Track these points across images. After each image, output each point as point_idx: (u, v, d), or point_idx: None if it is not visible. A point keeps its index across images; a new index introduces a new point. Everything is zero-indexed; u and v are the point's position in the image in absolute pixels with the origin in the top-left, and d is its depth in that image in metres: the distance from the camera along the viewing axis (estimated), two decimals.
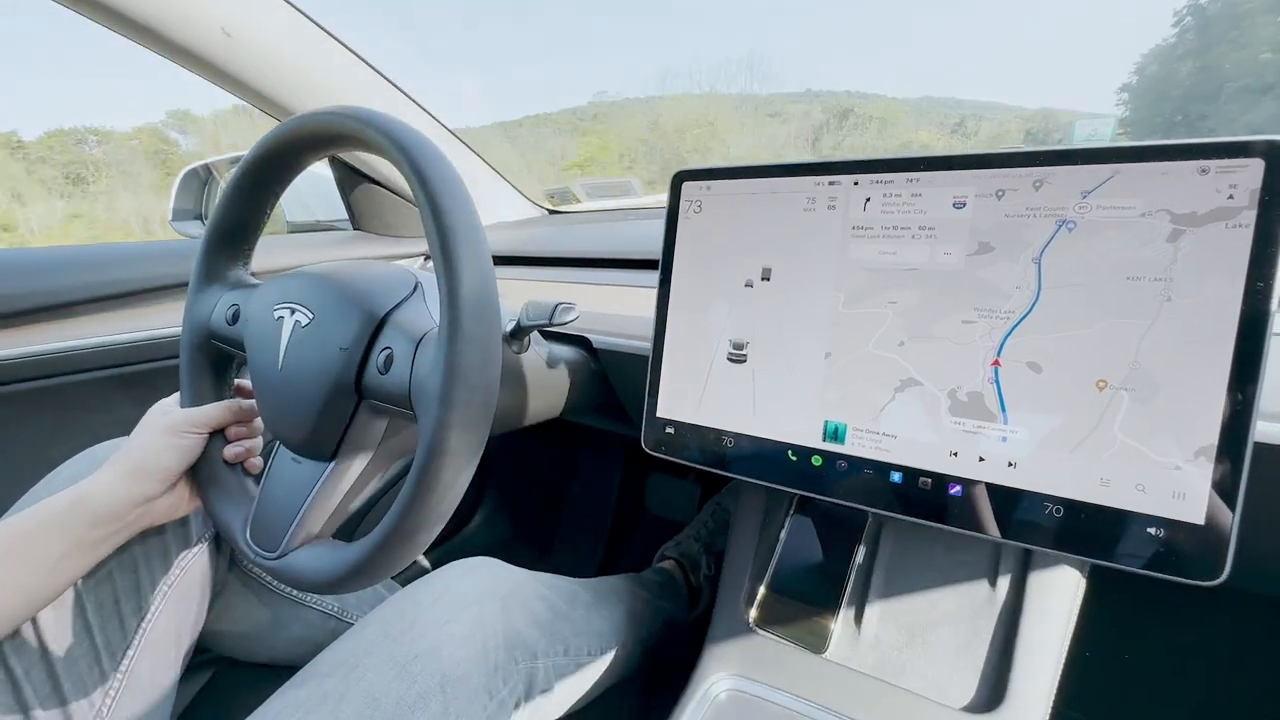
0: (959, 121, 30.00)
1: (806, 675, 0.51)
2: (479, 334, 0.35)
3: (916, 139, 28.03)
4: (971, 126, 28.97)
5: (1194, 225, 0.36)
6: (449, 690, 0.44)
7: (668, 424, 0.54)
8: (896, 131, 24.92)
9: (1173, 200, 0.36)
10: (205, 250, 0.49)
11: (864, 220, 0.45)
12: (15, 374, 0.62)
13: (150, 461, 0.43)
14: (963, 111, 30.27)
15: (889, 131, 26.67)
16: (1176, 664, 0.72)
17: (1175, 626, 0.73)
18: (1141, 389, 0.37)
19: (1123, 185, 0.37)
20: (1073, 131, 6.82)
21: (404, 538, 0.36)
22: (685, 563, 0.83)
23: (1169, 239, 0.36)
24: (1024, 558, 0.50)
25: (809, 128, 20.85)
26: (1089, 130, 6.76)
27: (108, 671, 0.44)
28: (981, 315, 0.41)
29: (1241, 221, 0.34)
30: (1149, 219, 0.37)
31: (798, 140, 20.16)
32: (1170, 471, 0.36)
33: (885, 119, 26.16)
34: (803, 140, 19.53)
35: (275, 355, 0.43)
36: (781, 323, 0.48)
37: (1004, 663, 0.48)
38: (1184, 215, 0.36)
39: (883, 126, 25.48)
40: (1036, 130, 28.74)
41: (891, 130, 25.43)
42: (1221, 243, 0.35)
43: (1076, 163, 0.39)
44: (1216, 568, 0.35)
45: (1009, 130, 28.90)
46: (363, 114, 0.38)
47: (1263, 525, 0.39)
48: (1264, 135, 0.34)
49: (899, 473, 0.44)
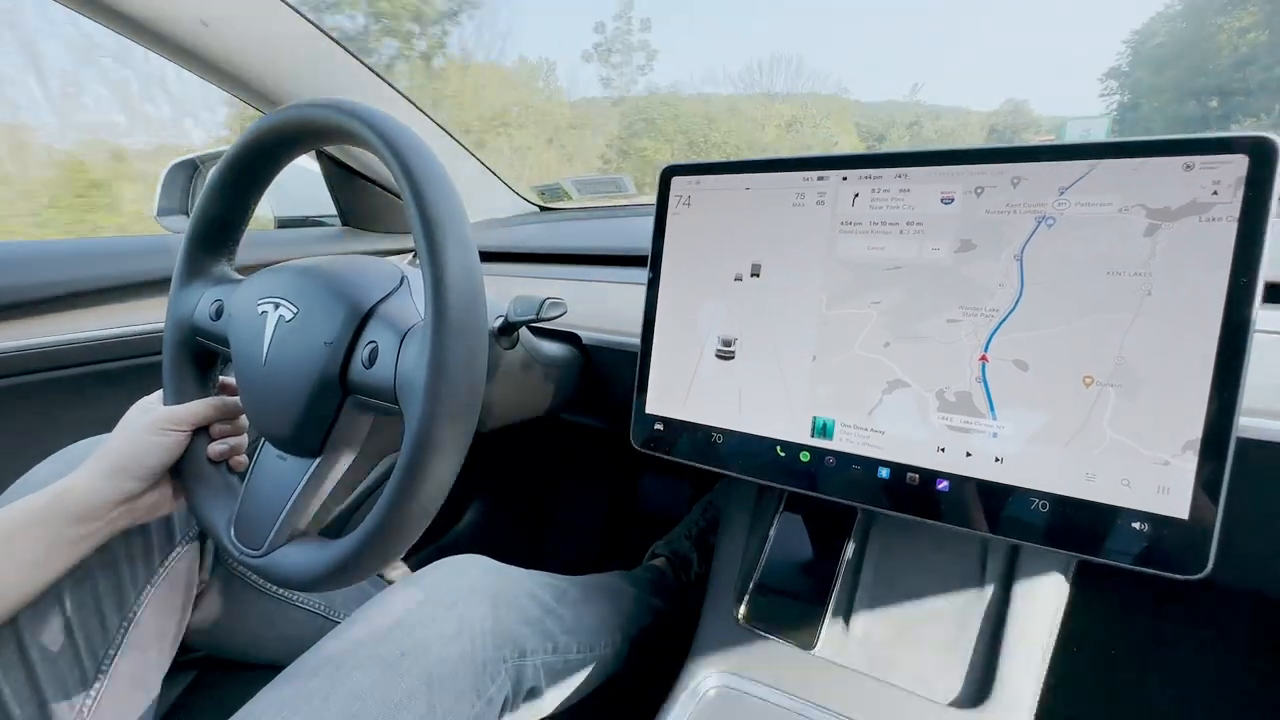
0: (914, 120, 29.96)
1: (795, 671, 0.51)
2: (464, 326, 0.34)
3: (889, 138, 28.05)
4: (929, 126, 28.87)
5: (1169, 220, 0.36)
6: (435, 688, 0.43)
7: (656, 420, 0.54)
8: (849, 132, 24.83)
9: (1148, 195, 0.36)
10: (189, 245, 0.48)
11: (853, 215, 0.45)
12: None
13: (132, 460, 0.43)
14: (919, 111, 30.29)
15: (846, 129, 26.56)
16: (1162, 659, 0.73)
17: (1161, 621, 0.74)
18: (1127, 384, 0.37)
19: (1099, 181, 0.38)
20: (1064, 133, 6.78)
21: (390, 533, 0.36)
22: (676, 560, 0.83)
23: (1146, 233, 0.36)
24: (1011, 554, 0.50)
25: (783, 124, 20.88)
26: (1081, 130, 6.68)
27: (89, 671, 0.43)
28: (966, 313, 0.41)
29: (1216, 215, 0.35)
30: (1126, 214, 0.37)
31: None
32: (1157, 466, 0.36)
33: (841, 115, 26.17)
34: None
35: (259, 350, 0.42)
36: (769, 321, 0.48)
37: (991, 658, 0.48)
38: (1159, 210, 0.36)
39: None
40: (1002, 126, 28.71)
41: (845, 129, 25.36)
42: (1198, 237, 0.35)
43: (1053, 159, 0.39)
44: (1200, 562, 0.35)
45: (968, 124, 28.82)
46: (348, 107, 0.38)
47: (1246, 520, 0.39)
48: (1248, 132, 0.34)
49: (886, 468, 0.44)
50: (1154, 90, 18.95)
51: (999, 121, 28.49)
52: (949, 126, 27.92)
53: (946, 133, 27.46)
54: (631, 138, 18.12)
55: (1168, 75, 17.31)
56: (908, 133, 28.31)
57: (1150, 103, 18.24)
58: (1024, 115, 29.13)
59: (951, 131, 27.01)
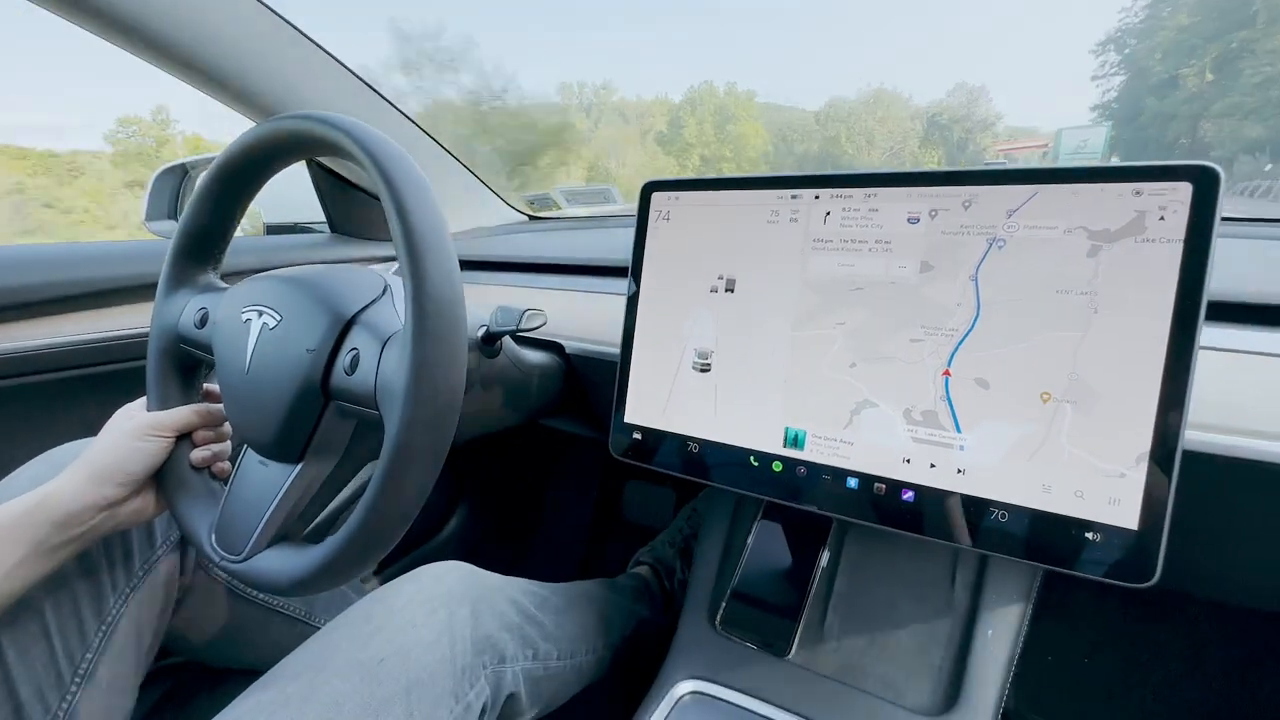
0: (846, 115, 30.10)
1: (769, 678, 0.52)
2: (444, 332, 0.35)
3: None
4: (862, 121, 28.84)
5: (1108, 241, 0.38)
6: (414, 694, 0.44)
7: (635, 430, 0.55)
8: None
9: (1088, 218, 0.39)
10: (175, 253, 0.49)
11: (824, 233, 0.47)
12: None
13: (114, 465, 0.43)
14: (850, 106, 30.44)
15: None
16: (1128, 665, 0.75)
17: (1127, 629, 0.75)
18: (1082, 399, 0.38)
19: (1043, 205, 0.40)
20: (1059, 142, 6.68)
21: (369, 537, 0.36)
22: (660, 567, 0.83)
23: (1089, 254, 0.38)
24: (980, 563, 0.52)
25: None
26: (1078, 141, 6.52)
27: (65, 675, 0.43)
28: (928, 333, 0.43)
29: (1154, 236, 0.37)
30: (1070, 235, 0.39)
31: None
32: (1110, 479, 0.38)
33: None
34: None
35: (243, 357, 0.43)
36: (743, 337, 0.50)
37: (959, 666, 0.49)
38: (1099, 232, 0.38)
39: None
40: (940, 116, 28.76)
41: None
42: (1138, 257, 0.37)
43: (1000, 183, 0.41)
44: (1148, 571, 0.37)
45: (898, 115, 28.72)
46: (332, 119, 0.39)
47: (1200, 532, 0.41)
48: (1192, 160, 0.36)
49: (855, 478, 0.45)
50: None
51: (937, 110, 28.29)
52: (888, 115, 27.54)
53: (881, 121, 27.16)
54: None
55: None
56: (842, 127, 28.37)
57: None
58: (981, 105, 29.17)
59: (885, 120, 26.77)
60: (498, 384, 0.57)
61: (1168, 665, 0.73)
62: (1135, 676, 0.74)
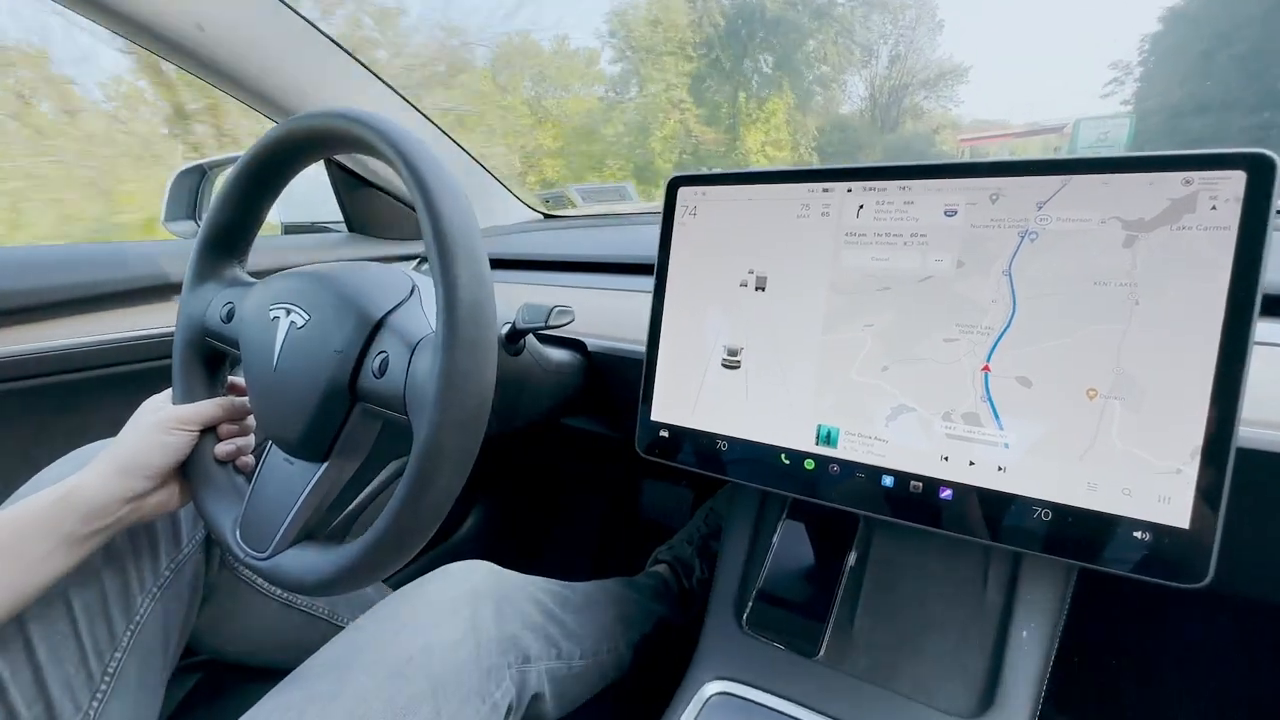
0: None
1: (797, 679, 0.51)
2: (475, 340, 0.35)
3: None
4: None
5: (1144, 231, 0.37)
6: (440, 694, 0.43)
7: (661, 428, 0.54)
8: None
9: (1120, 208, 0.37)
10: (201, 247, 0.49)
11: (857, 227, 0.46)
12: (2, 374, 0.62)
13: (139, 458, 0.43)
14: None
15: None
16: (1163, 668, 0.73)
17: (1162, 630, 0.74)
18: (1130, 395, 0.37)
19: (1074, 195, 0.39)
20: (1076, 133, 5.68)
21: (396, 540, 0.36)
22: (678, 566, 0.83)
23: (1125, 244, 0.37)
24: (1014, 562, 0.50)
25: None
26: (1098, 133, 5.27)
27: (95, 674, 0.43)
28: (963, 331, 0.42)
29: (1192, 224, 0.36)
30: (1105, 226, 0.38)
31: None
32: (1161, 476, 0.36)
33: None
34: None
35: (270, 355, 0.43)
36: (774, 333, 0.49)
37: (994, 667, 0.48)
38: (1133, 221, 0.37)
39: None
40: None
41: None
42: (1177, 246, 0.36)
43: (1027, 174, 0.40)
44: (1201, 571, 0.35)
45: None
46: (361, 116, 0.39)
47: (1246, 530, 0.40)
48: (1245, 148, 0.35)
49: (891, 476, 0.44)
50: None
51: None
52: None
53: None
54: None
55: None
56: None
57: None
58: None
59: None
60: (521, 382, 0.57)
61: (1200, 663, 0.71)
62: (1168, 676, 0.73)
